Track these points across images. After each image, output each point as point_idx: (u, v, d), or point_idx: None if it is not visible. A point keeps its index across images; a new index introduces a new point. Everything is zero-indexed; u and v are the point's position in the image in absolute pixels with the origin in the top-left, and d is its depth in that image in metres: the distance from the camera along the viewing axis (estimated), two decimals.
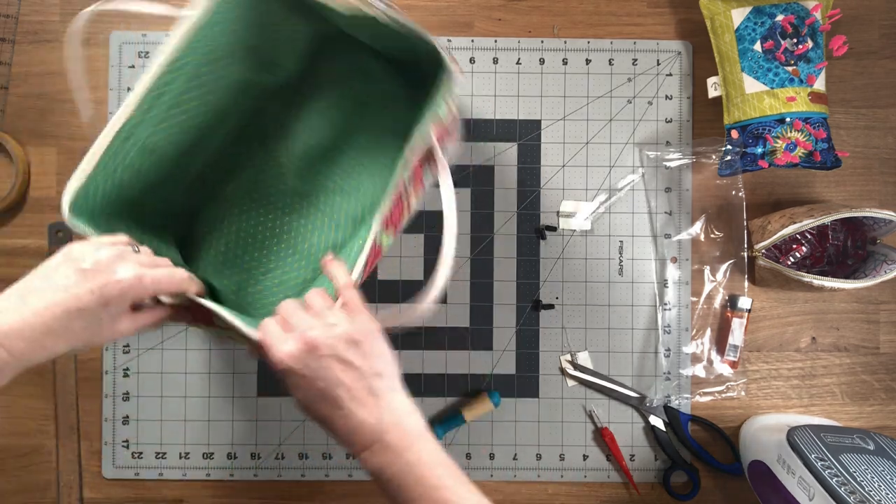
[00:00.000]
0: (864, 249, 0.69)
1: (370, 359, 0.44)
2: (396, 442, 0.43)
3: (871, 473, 0.57)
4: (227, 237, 0.63)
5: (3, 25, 0.70)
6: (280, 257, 0.64)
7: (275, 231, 0.64)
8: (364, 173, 0.64)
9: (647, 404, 0.70)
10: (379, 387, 0.44)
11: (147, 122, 0.51)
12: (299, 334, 0.43)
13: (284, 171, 0.64)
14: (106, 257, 0.43)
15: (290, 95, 0.64)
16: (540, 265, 0.72)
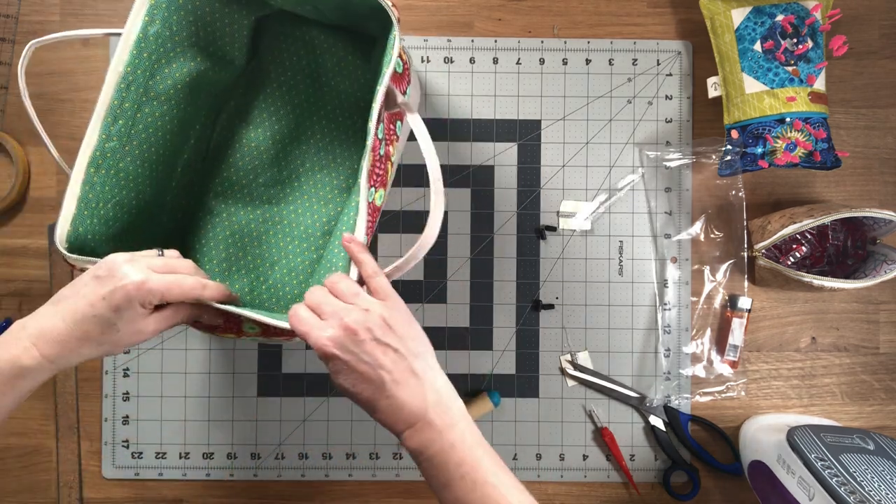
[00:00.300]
0: (864, 249, 0.69)
1: (408, 341, 0.45)
2: (438, 421, 0.44)
3: (871, 473, 0.57)
4: (223, 243, 0.63)
5: (3, 25, 0.70)
6: (280, 248, 0.64)
7: (267, 224, 0.65)
8: (337, 144, 0.65)
9: (647, 404, 0.70)
10: (420, 367, 0.45)
11: (111, 149, 0.52)
12: (338, 321, 0.43)
13: (259, 163, 0.64)
14: (118, 262, 0.44)
15: (245, 86, 0.65)
16: (540, 265, 0.72)
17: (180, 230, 0.63)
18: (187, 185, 0.63)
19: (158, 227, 0.60)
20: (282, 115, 0.65)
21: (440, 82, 0.72)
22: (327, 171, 0.65)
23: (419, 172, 0.71)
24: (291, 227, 0.64)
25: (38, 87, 0.70)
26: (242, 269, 0.63)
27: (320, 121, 0.66)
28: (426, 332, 0.70)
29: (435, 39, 0.72)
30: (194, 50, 0.57)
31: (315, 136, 0.66)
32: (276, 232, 0.64)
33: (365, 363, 0.43)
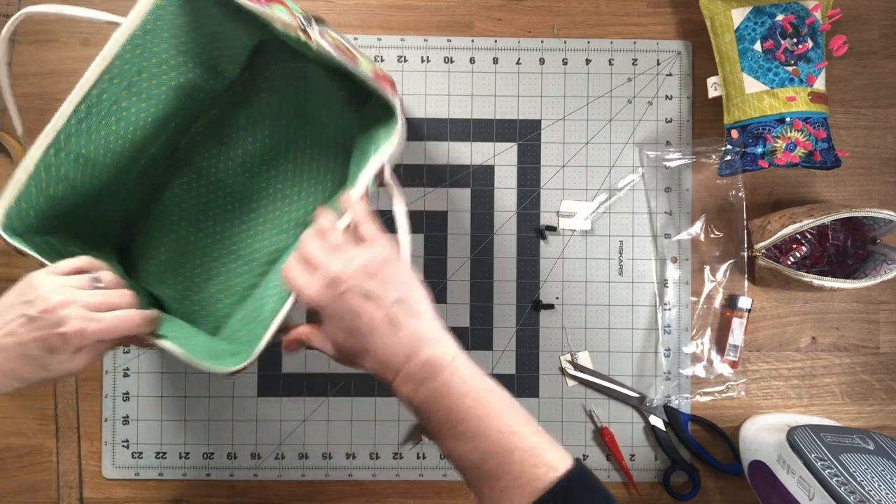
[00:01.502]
0: (864, 249, 0.69)
1: (388, 286, 0.43)
2: (418, 371, 0.42)
3: (871, 473, 0.57)
4: (166, 245, 0.62)
5: (2, 25, 0.70)
6: (222, 263, 0.63)
7: (216, 237, 0.63)
8: (305, 177, 0.64)
9: (647, 404, 0.70)
10: (398, 314, 0.43)
11: (81, 133, 0.50)
12: (322, 272, 0.43)
13: (224, 177, 0.63)
14: (55, 303, 0.42)
15: (231, 101, 0.64)
16: (540, 265, 0.72)
17: (128, 220, 0.62)
18: (147, 177, 0.61)
19: (107, 212, 0.59)
20: (259, 135, 0.64)
21: (440, 82, 0.72)
22: (289, 201, 0.64)
23: (419, 172, 0.71)
24: (239, 247, 0.63)
25: (38, 87, 0.70)
26: (179, 275, 0.62)
27: (295, 150, 0.64)
28: None
29: (435, 39, 0.72)
30: (189, 57, 0.56)
31: (286, 164, 0.64)
32: (222, 247, 0.63)
33: (347, 312, 0.43)
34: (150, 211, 0.62)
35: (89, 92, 0.49)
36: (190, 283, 0.62)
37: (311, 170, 0.64)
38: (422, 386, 0.42)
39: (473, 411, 0.41)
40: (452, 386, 0.42)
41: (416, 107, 0.71)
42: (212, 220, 0.63)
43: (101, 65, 0.49)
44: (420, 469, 0.71)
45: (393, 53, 0.71)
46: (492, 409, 0.41)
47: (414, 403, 0.43)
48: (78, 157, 0.51)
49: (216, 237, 0.63)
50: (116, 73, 0.50)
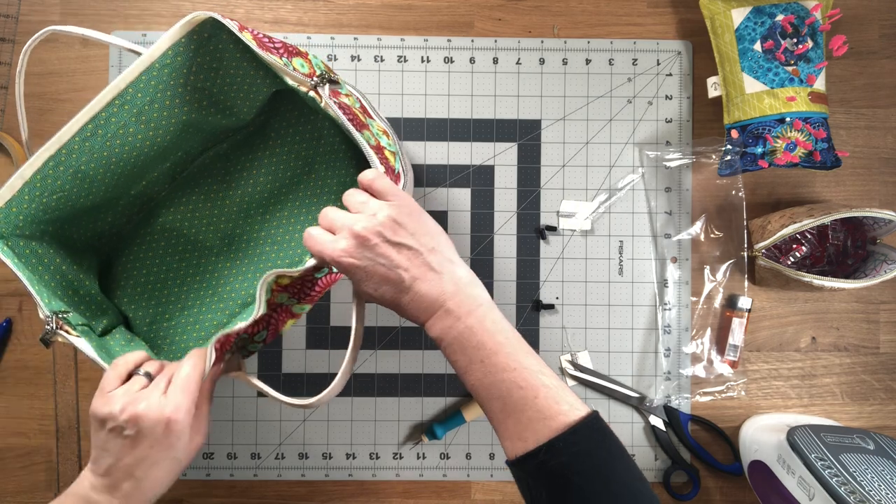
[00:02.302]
0: (864, 249, 0.69)
1: (420, 236, 0.45)
2: (456, 308, 0.45)
3: (871, 473, 0.57)
4: (148, 268, 0.62)
5: (3, 25, 0.70)
6: (199, 296, 0.62)
7: (198, 269, 0.63)
8: (298, 230, 0.64)
9: (647, 404, 0.70)
10: (436, 260, 0.45)
11: (83, 151, 0.51)
12: (347, 230, 0.44)
13: (218, 213, 0.63)
14: (140, 412, 0.44)
15: (242, 142, 0.63)
16: (540, 265, 0.72)
17: (117, 236, 0.62)
18: (144, 198, 0.61)
19: (98, 225, 0.59)
20: (261, 179, 0.63)
21: (440, 82, 0.72)
22: (277, 247, 0.63)
23: (419, 172, 0.71)
24: (218, 283, 0.63)
25: (38, 86, 0.70)
26: (154, 299, 0.62)
27: (294, 201, 0.64)
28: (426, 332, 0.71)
29: (435, 39, 0.72)
30: (204, 95, 0.55)
31: (281, 211, 0.64)
32: (202, 279, 0.63)
33: (381, 265, 0.44)
34: (141, 232, 0.62)
35: (98, 114, 0.50)
36: (164, 309, 0.61)
37: (306, 220, 0.64)
38: (458, 321, 0.44)
39: (504, 346, 0.44)
40: (486, 322, 0.45)
41: (416, 107, 0.71)
42: (198, 252, 0.63)
43: (113, 91, 0.50)
44: (420, 469, 0.71)
45: (393, 53, 0.71)
46: (521, 348, 0.45)
47: (448, 338, 0.45)
48: (77, 171, 0.51)
49: (198, 269, 0.63)
50: (129, 99, 0.51)
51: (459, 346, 0.45)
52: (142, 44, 0.71)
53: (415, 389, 0.71)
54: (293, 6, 0.72)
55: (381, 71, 0.71)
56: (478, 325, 0.44)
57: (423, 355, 0.71)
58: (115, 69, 0.71)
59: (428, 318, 0.45)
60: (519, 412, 0.43)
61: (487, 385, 0.44)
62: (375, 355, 0.71)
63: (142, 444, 0.44)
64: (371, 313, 0.71)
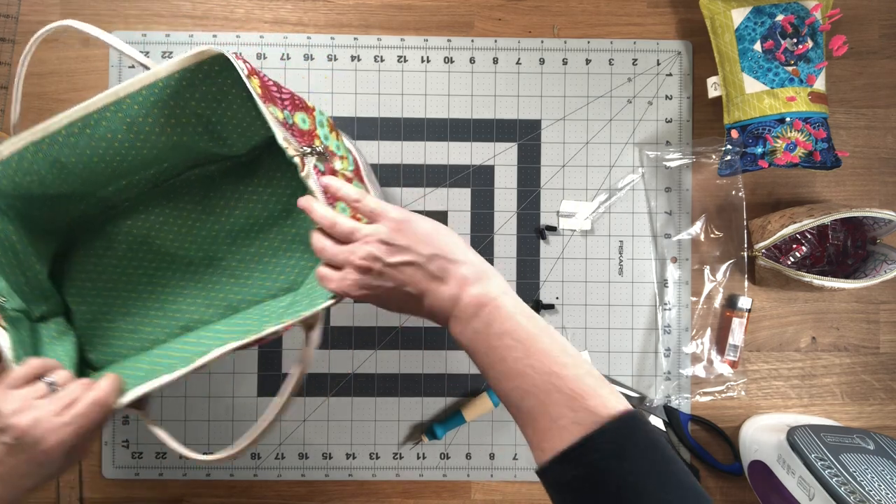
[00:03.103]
0: (864, 249, 0.69)
1: (415, 247, 0.45)
2: (461, 313, 0.44)
3: (871, 473, 0.57)
4: (104, 266, 0.61)
5: (3, 25, 0.70)
6: (145, 307, 0.62)
7: (151, 280, 0.62)
8: (259, 269, 0.63)
9: (647, 404, 0.70)
10: (436, 267, 0.44)
11: (67, 144, 0.50)
12: (350, 265, 0.45)
13: (187, 231, 0.63)
14: (25, 425, 0.43)
15: (228, 169, 0.63)
16: (540, 265, 0.72)
17: (81, 227, 0.61)
18: (122, 196, 0.61)
19: (65, 213, 0.58)
20: (237, 212, 0.63)
21: (440, 82, 0.72)
22: (234, 281, 0.63)
23: (419, 172, 0.71)
24: (167, 299, 0.62)
25: (38, 86, 0.70)
26: (99, 297, 0.61)
27: (264, 241, 0.64)
28: (426, 331, 0.71)
29: (435, 39, 0.72)
30: (201, 121, 0.55)
31: (249, 248, 0.63)
32: (153, 291, 0.62)
33: (390, 288, 0.45)
34: (107, 228, 0.61)
35: (90, 114, 0.49)
36: (107, 310, 0.61)
37: (269, 264, 0.63)
38: (467, 326, 0.43)
39: (512, 351, 0.41)
40: (494, 325, 0.42)
41: (417, 107, 0.71)
42: (156, 263, 0.62)
43: (111, 97, 0.49)
44: (420, 469, 0.71)
45: (393, 53, 0.71)
46: (532, 347, 0.41)
47: (463, 342, 0.44)
48: (56, 161, 0.51)
49: (151, 280, 0.62)
50: (124, 109, 0.50)
51: (472, 351, 0.44)
52: (142, 43, 0.71)
53: (415, 389, 0.71)
54: (293, 6, 0.72)
55: (381, 71, 0.71)
56: (484, 328, 0.42)
57: (423, 355, 0.71)
58: (115, 69, 0.71)
59: (444, 322, 0.46)
60: (533, 421, 0.40)
61: (502, 393, 0.42)
62: (375, 355, 0.71)
63: (16, 455, 0.43)
64: (371, 313, 0.71)
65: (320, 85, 0.71)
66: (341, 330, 0.71)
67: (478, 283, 0.44)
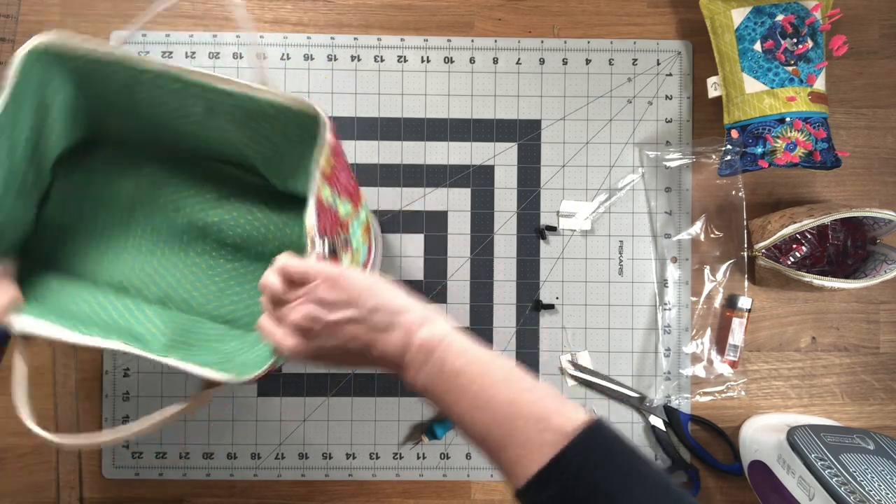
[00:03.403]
0: (864, 249, 0.69)
1: (355, 301, 0.43)
2: (412, 360, 0.42)
3: (871, 473, 0.57)
4: (97, 186, 0.60)
5: (3, 25, 0.70)
6: (112, 247, 0.61)
7: (129, 225, 0.62)
8: (230, 286, 0.64)
9: (647, 404, 0.70)
10: (379, 319, 0.43)
11: (153, 86, 0.51)
12: (287, 325, 0.44)
13: (183, 203, 0.62)
14: None
15: (261, 187, 0.63)
16: (540, 265, 0.72)
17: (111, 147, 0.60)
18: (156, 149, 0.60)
19: (104, 127, 0.58)
20: (238, 221, 0.62)
21: (440, 82, 0.72)
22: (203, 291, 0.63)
23: (419, 172, 0.71)
24: (134, 261, 0.62)
25: None
26: (69, 217, 0.60)
27: (245, 267, 0.64)
28: None
29: (435, 39, 0.72)
30: (271, 145, 0.55)
31: (231, 269, 0.64)
32: (127, 245, 0.62)
33: (332, 348, 0.43)
34: (123, 162, 0.61)
35: (187, 80, 0.49)
36: (77, 231, 0.60)
37: (230, 288, 0.64)
38: (421, 371, 0.42)
39: (470, 386, 0.41)
40: (447, 364, 0.41)
41: (417, 107, 0.71)
42: (146, 212, 0.62)
43: (210, 79, 0.49)
44: (420, 469, 0.71)
45: (393, 53, 0.71)
46: (488, 379, 0.41)
47: (419, 388, 0.43)
48: (133, 90, 0.52)
49: (128, 224, 0.62)
50: (210, 95, 0.51)
51: (430, 394, 0.42)
52: (142, 43, 0.71)
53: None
54: (293, 6, 0.72)
55: (381, 71, 0.71)
56: (438, 369, 0.41)
57: None
58: None
59: (396, 371, 0.44)
60: (502, 451, 0.39)
61: (466, 429, 0.41)
62: None
63: None
64: None
65: (320, 85, 0.71)
66: None
67: (424, 326, 0.43)
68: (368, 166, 0.71)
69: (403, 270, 0.71)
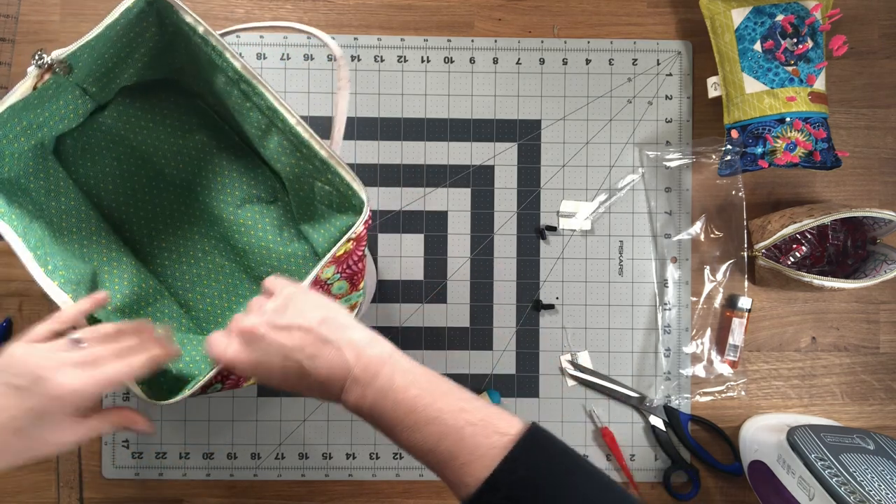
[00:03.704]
0: (864, 249, 0.69)
1: (308, 312, 0.44)
2: (363, 373, 0.43)
3: (871, 473, 0.57)
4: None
5: (3, 25, 0.70)
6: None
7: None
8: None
9: (647, 404, 0.70)
10: (328, 331, 0.43)
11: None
12: (235, 331, 0.44)
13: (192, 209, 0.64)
14: (43, 367, 0.42)
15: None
16: (540, 265, 0.72)
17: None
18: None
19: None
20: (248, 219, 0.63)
21: (440, 82, 0.72)
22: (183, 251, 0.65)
23: (419, 172, 0.71)
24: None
25: None
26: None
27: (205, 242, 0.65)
28: (426, 331, 0.71)
29: (435, 39, 0.72)
30: (313, 196, 0.57)
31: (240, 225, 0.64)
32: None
33: (275, 355, 0.43)
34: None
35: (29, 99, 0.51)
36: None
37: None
38: (368, 388, 0.43)
39: (420, 399, 0.42)
40: (396, 380, 0.42)
41: (417, 107, 0.71)
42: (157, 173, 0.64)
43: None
44: (420, 469, 0.71)
45: (393, 53, 0.72)
46: (436, 392, 0.42)
47: (364, 407, 0.43)
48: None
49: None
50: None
51: (378, 411, 0.42)
52: None
53: None
54: (293, 6, 0.72)
55: (381, 71, 0.71)
56: (388, 384, 0.42)
57: (422, 355, 0.71)
58: None
59: (339, 392, 0.43)
60: (452, 460, 0.41)
61: (416, 443, 0.42)
62: None
63: (22, 398, 0.41)
64: (371, 313, 0.71)
65: (320, 85, 0.71)
66: None
67: (371, 346, 0.44)
68: (368, 166, 0.71)
69: (403, 270, 0.71)
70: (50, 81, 0.50)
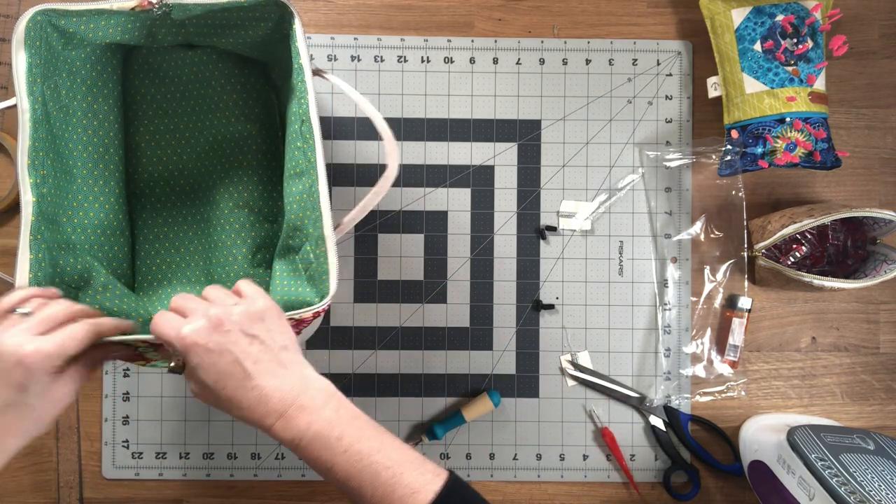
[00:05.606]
0: (864, 249, 0.69)
1: (275, 334, 0.45)
2: (311, 402, 0.44)
3: (871, 473, 0.57)
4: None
5: (3, 25, 0.70)
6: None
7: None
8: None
9: (647, 404, 0.70)
10: (287, 358, 0.45)
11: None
12: (202, 313, 0.43)
13: (178, 175, 0.65)
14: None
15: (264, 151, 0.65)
16: (540, 265, 0.72)
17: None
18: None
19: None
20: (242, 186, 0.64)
21: (440, 82, 0.72)
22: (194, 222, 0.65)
23: (419, 172, 0.71)
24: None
25: None
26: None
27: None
28: (426, 331, 0.71)
29: (435, 39, 0.72)
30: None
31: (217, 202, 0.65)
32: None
33: (230, 353, 0.42)
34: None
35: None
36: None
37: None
38: (316, 415, 0.44)
39: (366, 429, 0.45)
40: (342, 411, 0.45)
41: (417, 107, 0.71)
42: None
43: None
44: None
45: (393, 53, 0.72)
46: (376, 425, 0.46)
47: (308, 436, 0.43)
48: None
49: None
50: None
51: (321, 441, 0.43)
52: None
53: (415, 389, 0.71)
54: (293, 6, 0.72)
55: (381, 71, 0.71)
56: (334, 415, 0.44)
57: (423, 355, 0.71)
58: None
59: (277, 418, 0.43)
60: (396, 488, 0.43)
61: (356, 474, 0.43)
62: (376, 355, 0.71)
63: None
64: (371, 314, 0.71)
65: (320, 85, 0.71)
66: (341, 330, 0.71)
67: (320, 381, 0.46)
68: (368, 166, 0.71)
69: (403, 270, 0.71)
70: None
